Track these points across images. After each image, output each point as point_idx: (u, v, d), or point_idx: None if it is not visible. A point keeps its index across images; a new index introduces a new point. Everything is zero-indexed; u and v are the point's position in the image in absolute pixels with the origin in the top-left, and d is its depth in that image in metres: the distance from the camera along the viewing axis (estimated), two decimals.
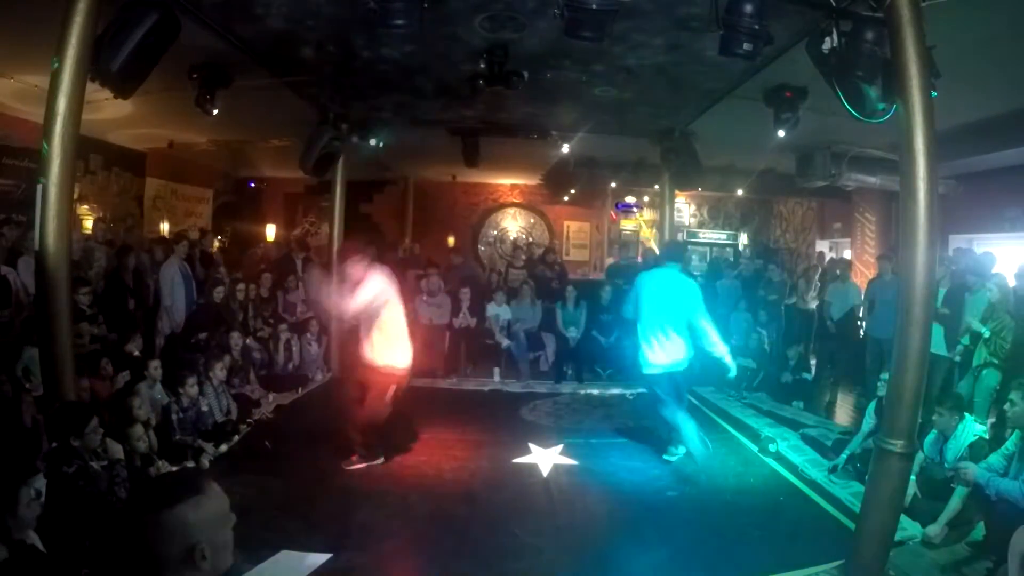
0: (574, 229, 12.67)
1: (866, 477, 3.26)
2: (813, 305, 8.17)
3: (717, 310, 8.66)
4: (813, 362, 7.63)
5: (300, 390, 6.32)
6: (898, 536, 3.20)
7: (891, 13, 2.82)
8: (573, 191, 10.81)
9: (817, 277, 8.55)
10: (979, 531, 3.34)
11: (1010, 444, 3.35)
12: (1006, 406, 3.43)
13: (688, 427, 4.35)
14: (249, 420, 5.17)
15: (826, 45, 3.16)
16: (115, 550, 1.07)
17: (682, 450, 4.55)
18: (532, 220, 12.61)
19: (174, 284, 6.36)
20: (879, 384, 4.35)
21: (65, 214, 2.98)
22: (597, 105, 5.81)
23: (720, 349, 4.48)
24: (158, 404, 4.42)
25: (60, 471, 2.74)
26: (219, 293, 6.40)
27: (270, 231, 11.88)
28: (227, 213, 11.22)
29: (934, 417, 3.79)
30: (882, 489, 3.03)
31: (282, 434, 4.98)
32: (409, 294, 5.93)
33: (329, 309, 5.20)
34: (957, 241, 7.24)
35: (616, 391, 6.75)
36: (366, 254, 4.27)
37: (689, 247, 10.78)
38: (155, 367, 4.57)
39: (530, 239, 12.27)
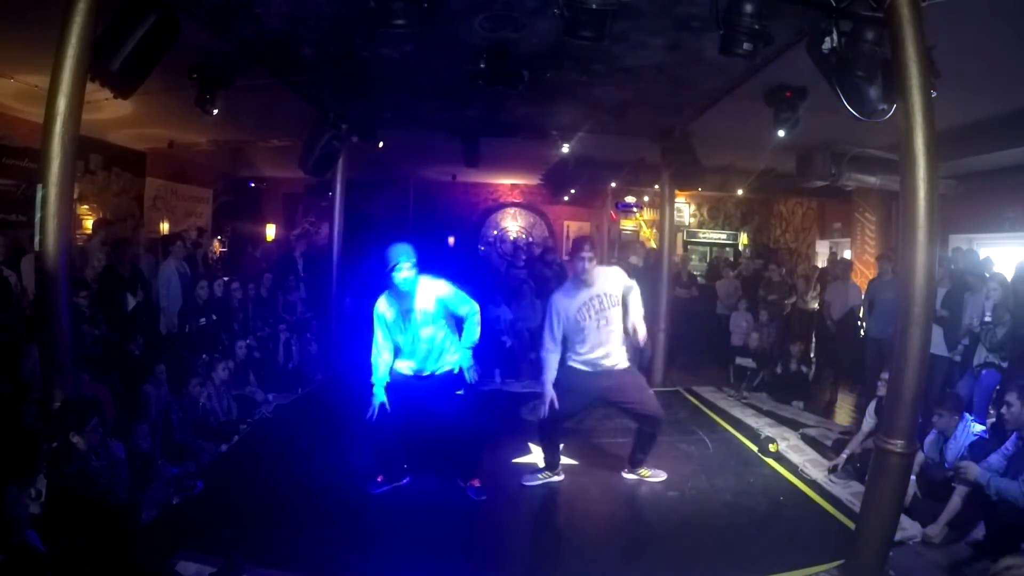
0: (574, 229, 12.67)
1: (866, 477, 3.27)
2: (813, 305, 8.19)
3: (716, 310, 8.81)
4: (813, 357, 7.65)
5: (300, 390, 6.32)
6: (898, 536, 3.21)
7: (891, 13, 2.82)
8: (573, 191, 10.81)
9: (816, 277, 8.57)
10: (979, 531, 3.35)
11: (1010, 444, 3.35)
12: (1003, 409, 3.43)
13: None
14: (249, 420, 5.17)
15: (826, 45, 3.17)
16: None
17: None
18: (532, 220, 12.61)
19: (171, 284, 6.36)
20: (879, 384, 4.35)
21: (65, 214, 2.98)
22: (597, 105, 5.80)
23: None
24: (162, 405, 4.43)
25: (60, 471, 2.74)
26: (202, 289, 6.37)
27: (270, 231, 11.89)
28: (227, 213, 11.23)
29: (934, 418, 3.80)
30: (882, 489, 3.03)
31: (282, 434, 4.99)
32: None
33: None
34: (957, 241, 7.24)
35: None
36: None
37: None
38: (161, 371, 4.56)
39: (530, 239, 12.28)
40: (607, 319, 3.82)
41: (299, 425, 5.32)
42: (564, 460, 4.48)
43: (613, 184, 10.36)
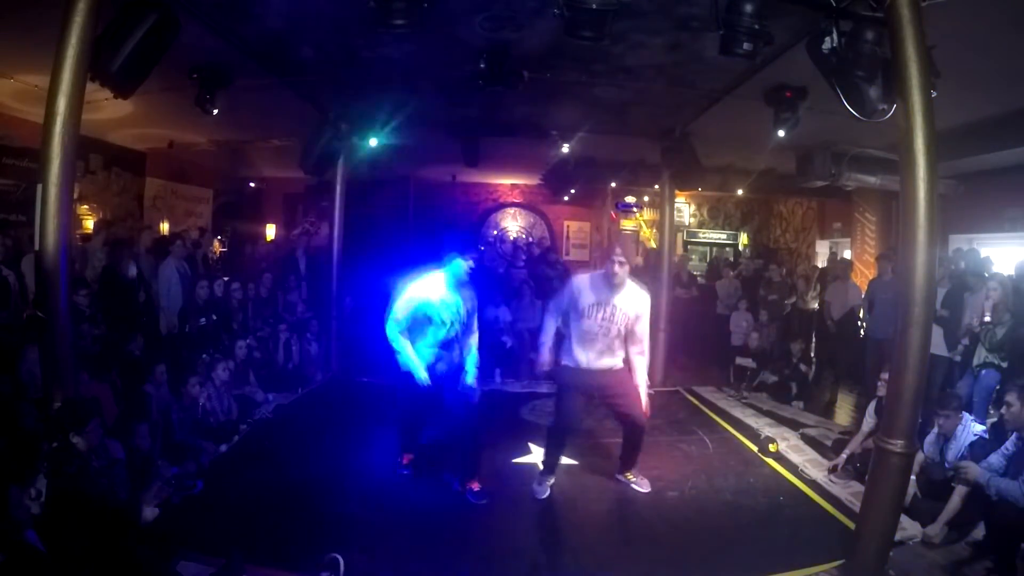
0: (574, 229, 12.68)
1: (866, 477, 3.27)
2: (813, 305, 8.18)
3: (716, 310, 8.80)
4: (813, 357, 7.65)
5: (300, 390, 6.32)
6: (898, 536, 3.21)
7: (891, 13, 2.82)
8: (573, 191, 10.81)
9: (816, 277, 8.56)
10: (979, 531, 3.35)
11: (1010, 444, 3.35)
12: (1003, 409, 3.43)
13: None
14: (249, 420, 5.17)
15: (826, 45, 3.17)
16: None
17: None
18: (532, 220, 12.61)
19: (171, 284, 6.36)
20: (879, 384, 4.35)
21: (65, 214, 2.98)
22: (597, 105, 5.80)
23: None
24: (162, 405, 4.43)
25: (61, 471, 2.74)
26: (203, 289, 6.35)
27: (270, 231, 11.89)
28: (227, 213, 11.23)
29: (940, 421, 3.79)
30: (882, 489, 3.04)
31: (282, 434, 4.99)
32: None
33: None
34: (957, 241, 7.24)
35: None
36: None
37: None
38: (161, 372, 4.57)
39: (530, 239, 12.28)
40: (609, 329, 3.78)
41: (299, 425, 5.32)
42: (564, 460, 4.48)
43: (613, 184, 10.36)
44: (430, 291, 3.79)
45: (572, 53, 4.38)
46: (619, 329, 3.78)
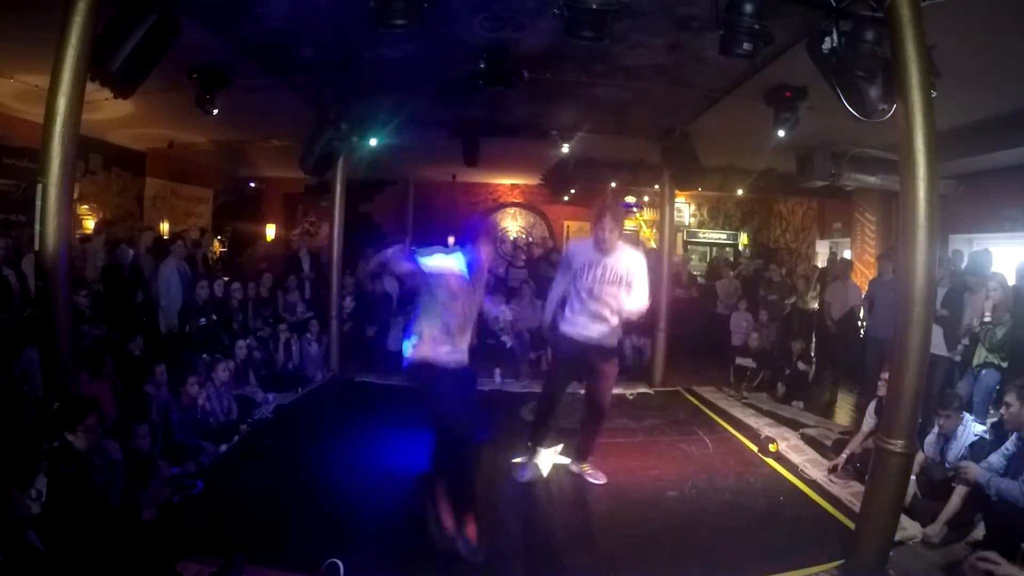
0: (574, 229, 12.67)
1: (866, 477, 3.27)
2: (813, 305, 8.19)
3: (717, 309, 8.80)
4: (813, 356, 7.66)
5: (300, 390, 6.32)
6: (898, 536, 3.21)
7: (891, 13, 2.82)
8: (573, 191, 10.80)
9: (816, 277, 8.56)
10: (979, 531, 3.35)
11: (1010, 444, 3.35)
12: (1003, 409, 3.43)
13: None
14: (249, 420, 5.17)
15: (826, 45, 3.17)
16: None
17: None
18: (532, 220, 12.61)
19: (171, 284, 6.36)
20: (879, 384, 4.35)
21: (65, 213, 2.98)
22: (597, 105, 5.80)
23: None
24: (162, 405, 4.43)
25: (61, 471, 2.74)
26: (203, 289, 6.34)
27: (270, 231, 11.90)
28: (227, 213, 11.23)
29: (940, 421, 3.79)
30: (882, 489, 3.04)
31: (282, 434, 4.99)
32: None
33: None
34: (957, 241, 7.24)
35: (616, 391, 6.72)
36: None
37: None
38: (161, 372, 4.56)
39: (530, 239, 12.28)
40: (603, 291, 3.81)
41: (299, 425, 5.31)
42: (563, 460, 4.49)
43: (613, 184, 10.35)
44: (447, 261, 3.40)
45: (572, 53, 4.38)
46: (612, 291, 3.79)
